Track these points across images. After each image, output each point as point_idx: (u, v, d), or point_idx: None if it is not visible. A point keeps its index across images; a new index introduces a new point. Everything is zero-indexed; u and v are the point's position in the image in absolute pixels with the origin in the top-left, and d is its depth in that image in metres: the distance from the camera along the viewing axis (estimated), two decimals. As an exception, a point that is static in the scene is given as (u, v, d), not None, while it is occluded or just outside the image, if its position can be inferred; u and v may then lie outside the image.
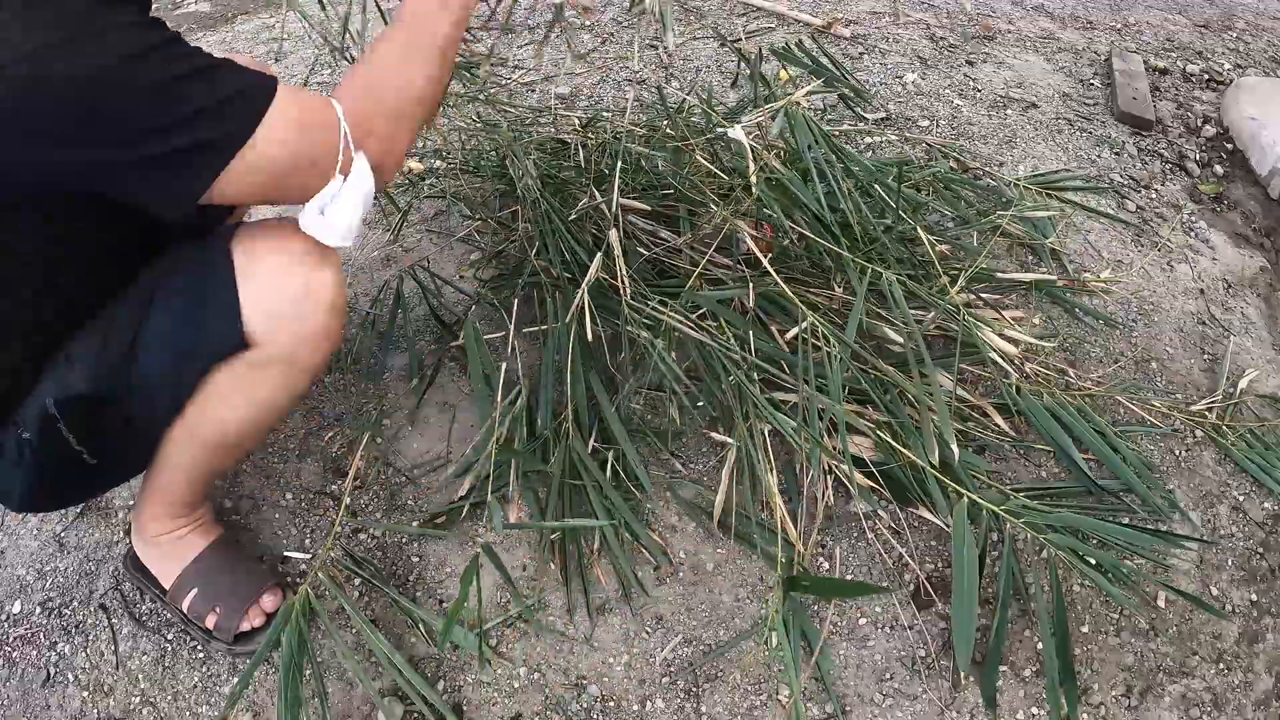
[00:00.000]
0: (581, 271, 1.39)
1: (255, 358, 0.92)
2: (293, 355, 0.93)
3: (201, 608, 1.13)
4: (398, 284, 1.55)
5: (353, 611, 1.11)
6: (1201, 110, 2.27)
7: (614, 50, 2.37)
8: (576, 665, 1.14)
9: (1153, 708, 1.15)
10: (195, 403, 0.95)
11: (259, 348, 0.91)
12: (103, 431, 0.93)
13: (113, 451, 0.97)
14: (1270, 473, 1.41)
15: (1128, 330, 1.62)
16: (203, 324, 0.90)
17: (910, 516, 1.28)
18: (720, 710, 1.11)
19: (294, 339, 0.92)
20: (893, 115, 2.14)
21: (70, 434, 0.91)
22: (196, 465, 1.04)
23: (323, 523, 1.28)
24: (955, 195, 1.75)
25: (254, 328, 0.90)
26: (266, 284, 0.90)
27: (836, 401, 1.15)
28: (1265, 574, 1.30)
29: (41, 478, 0.95)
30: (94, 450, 0.94)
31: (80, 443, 0.92)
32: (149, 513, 1.13)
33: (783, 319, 1.34)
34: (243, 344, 0.90)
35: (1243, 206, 2.01)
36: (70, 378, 0.89)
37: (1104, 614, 1.22)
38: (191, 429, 0.98)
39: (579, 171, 1.52)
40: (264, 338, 0.91)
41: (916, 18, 2.63)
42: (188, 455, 1.02)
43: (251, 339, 0.90)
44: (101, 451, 0.95)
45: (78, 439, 0.92)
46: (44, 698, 1.13)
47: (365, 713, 1.11)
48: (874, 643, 1.18)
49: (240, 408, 0.97)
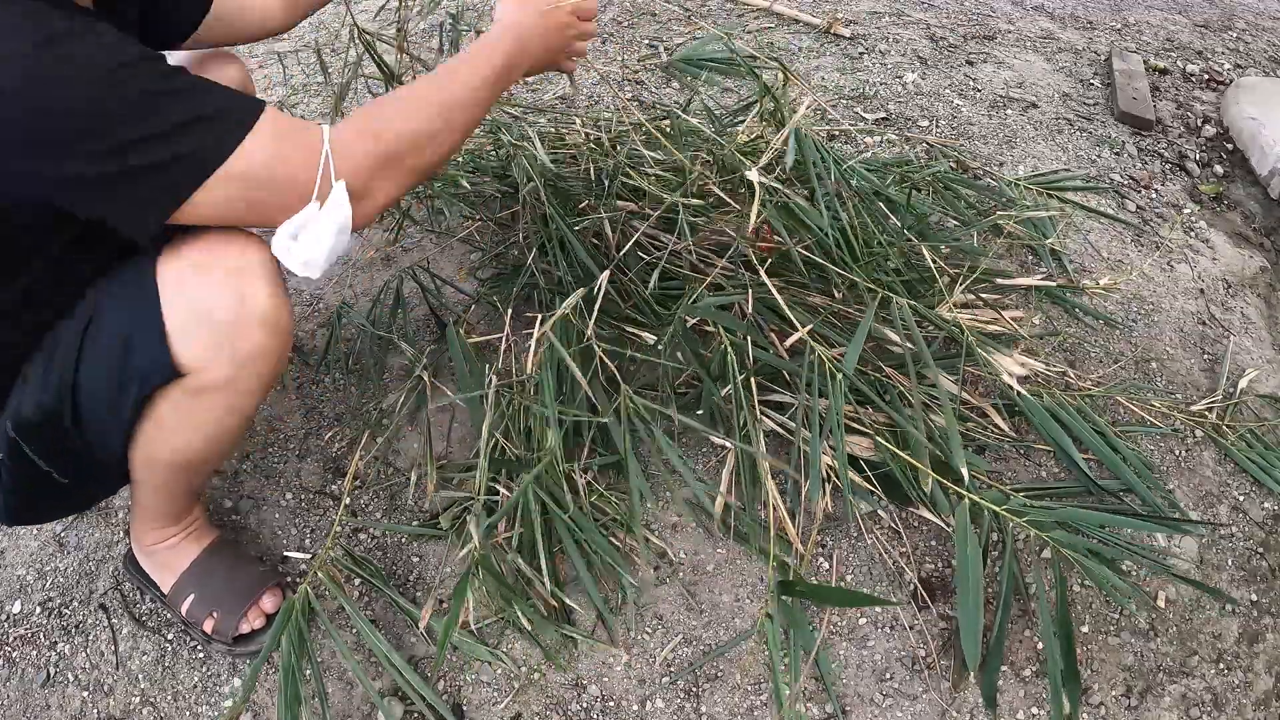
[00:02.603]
0: (583, 271, 1.39)
1: (192, 385, 0.86)
2: (231, 380, 0.86)
3: (199, 612, 1.13)
4: (398, 284, 1.55)
5: (352, 611, 1.11)
6: (1201, 110, 2.27)
7: (614, 50, 2.37)
8: (576, 665, 1.14)
9: (1153, 708, 1.15)
10: (144, 430, 0.90)
11: (194, 375, 0.85)
12: (66, 452, 0.90)
13: (83, 470, 0.95)
14: (1270, 473, 1.41)
15: (1128, 330, 1.62)
16: (132, 348, 0.83)
17: (910, 516, 1.28)
18: (720, 710, 1.11)
19: (230, 363, 0.85)
20: (893, 115, 2.14)
21: (34, 455, 0.88)
22: (167, 484, 1.02)
23: (323, 523, 1.28)
24: (955, 195, 1.75)
25: (184, 353, 0.83)
26: (193, 308, 0.82)
27: (836, 404, 1.15)
28: (1265, 574, 1.30)
29: (20, 496, 0.95)
30: (62, 470, 0.92)
31: (47, 464, 0.90)
32: (140, 525, 1.13)
33: (782, 324, 1.34)
34: (176, 370, 0.84)
35: (1243, 206, 2.01)
36: (23, 400, 0.87)
37: (1104, 614, 1.22)
38: (147, 454, 0.94)
39: (582, 178, 1.52)
40: (196, 364, 0.84)
41: (916, 18, 2.63)
42: (156, 478, 1.00)
43: (183, 366, 0.84)
44: (70, 471, 0.93)
45: (44, 460, 0.89)
46: (44, 698, 1.13)
47: (365, 713, 1.11)
48: (874, 643, 1.18)
49: (187, 435, 0.92)
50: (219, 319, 0.83)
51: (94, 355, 0.84)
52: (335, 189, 0.82)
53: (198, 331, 0.83)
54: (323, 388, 1.46)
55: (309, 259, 0.82)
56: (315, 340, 1.55)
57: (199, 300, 0.83)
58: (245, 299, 0.84)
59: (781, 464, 1.24)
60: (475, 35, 1.64)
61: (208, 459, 0.99)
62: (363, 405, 1.42)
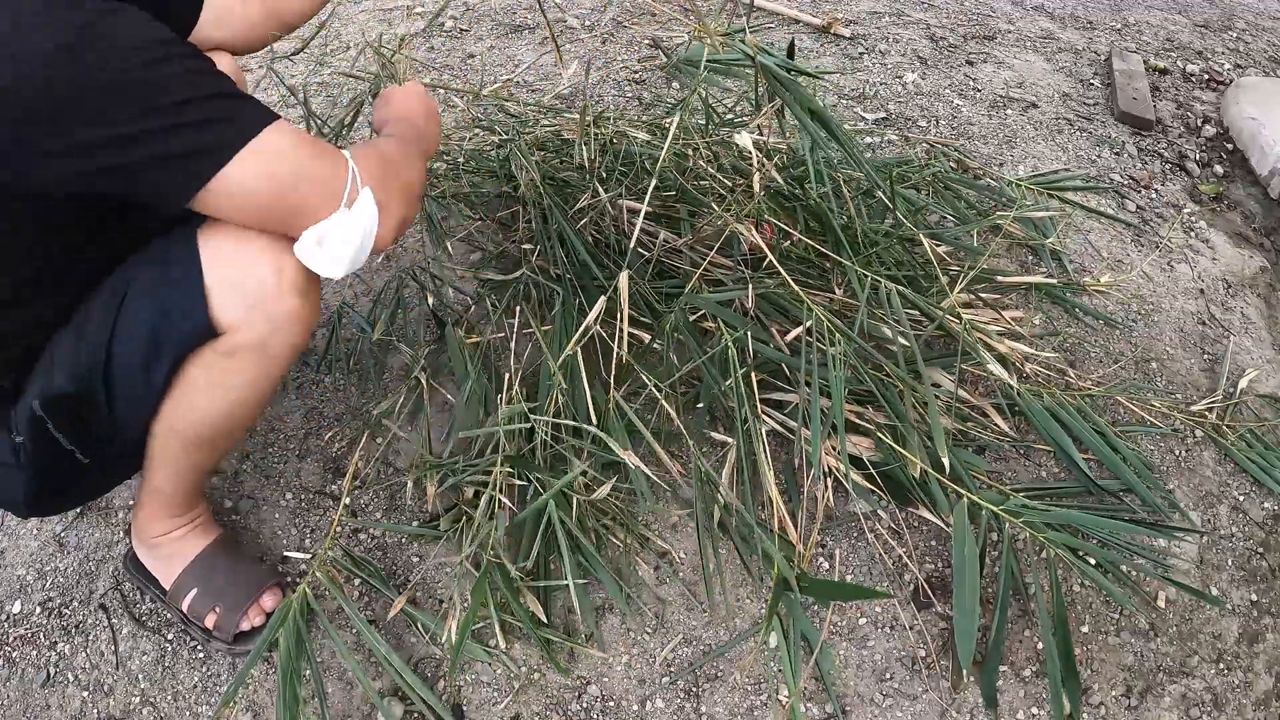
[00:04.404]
0: (582, 271, 1.39)
1: (226, 346, 0.90)
2: (264, 341, 0.91)
3: (201, 608, 1.13)
4: (398, 284, 1.55)
5: (351, 611, 1.11)
6: (1201, 110, 2.27)
7: (614, 50, 2.37)
8: (576, 665, 1.14)
9: (1153, 708, 1.15)
10: (172, 397, 0.94)
11: (228, 335, 0.89)
12: (91, 429, 0.93)
13: (105, 449, 0.97)
14: (1270, 473, 1.41)
15: (1128, 330, 1.62)
16: (169, 312, 0.88)
17: (910, 516, 1.28)
18: (720, 710, 1.11)
19: (265, 324, 0.90)
20: (893, 115, 2.14)
21: (59, 434, 0.90)
22: (182, 463, 1.04)
23: (323, 523, 1.28)
24: (955, 195, 1.75)
25: (222, 313, 0.88)
26: (233, 268, 0.88)
27: (839, 401, 1.15)
28: (1265, 574, 1.30)
29: (41, 480, 0.96)
30: (85, 449, 0.94)
31: (71, 442, 0.92)
32: (146, 514, 1.13)
33: (782, 320, 1.34)
34: (212, 331, 0.88)
35: (1243, 206, 2.01)
36: (52, 377, 0.89)
37: (1104, 614, 1.22)
38: (171, 425, 0.97)
39: (581, 171, 1.52)
40: (233, 323, 0.88)
41: (916, 18, 2.63)
42: (172, 453, 1.01)
43: (220, 325, 0.88)
44: (93, 450, 0.95)
45: (67, 439, 0.91)
46: (44, 698, 1.13)
47: (366, 713, 1.11)
48: (874, 643, 1.18)
49: (216, 399, 0.95)
50: (257, 282, 0.88)
51: (130, 322, 0.89)
52: (363, 194, 0.87)
53: (236, 291, 0.88)
54: (323, 388, 1.46)
55: (341, 258, 0.86)
56: (315, 340, 1.55)
57: (239, 265, 0.87)
58: (282, 269, 0.88)
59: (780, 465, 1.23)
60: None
61: (226, 431, 1.01)
62: (363, 405, 1.42)
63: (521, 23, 2.48)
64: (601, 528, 1.22)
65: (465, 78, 2.24)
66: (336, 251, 0.86)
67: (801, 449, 1.21)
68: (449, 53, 2.35)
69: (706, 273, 1.37)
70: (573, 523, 1.16)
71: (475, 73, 2.25)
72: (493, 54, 2.33)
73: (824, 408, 1.18)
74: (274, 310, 0.89)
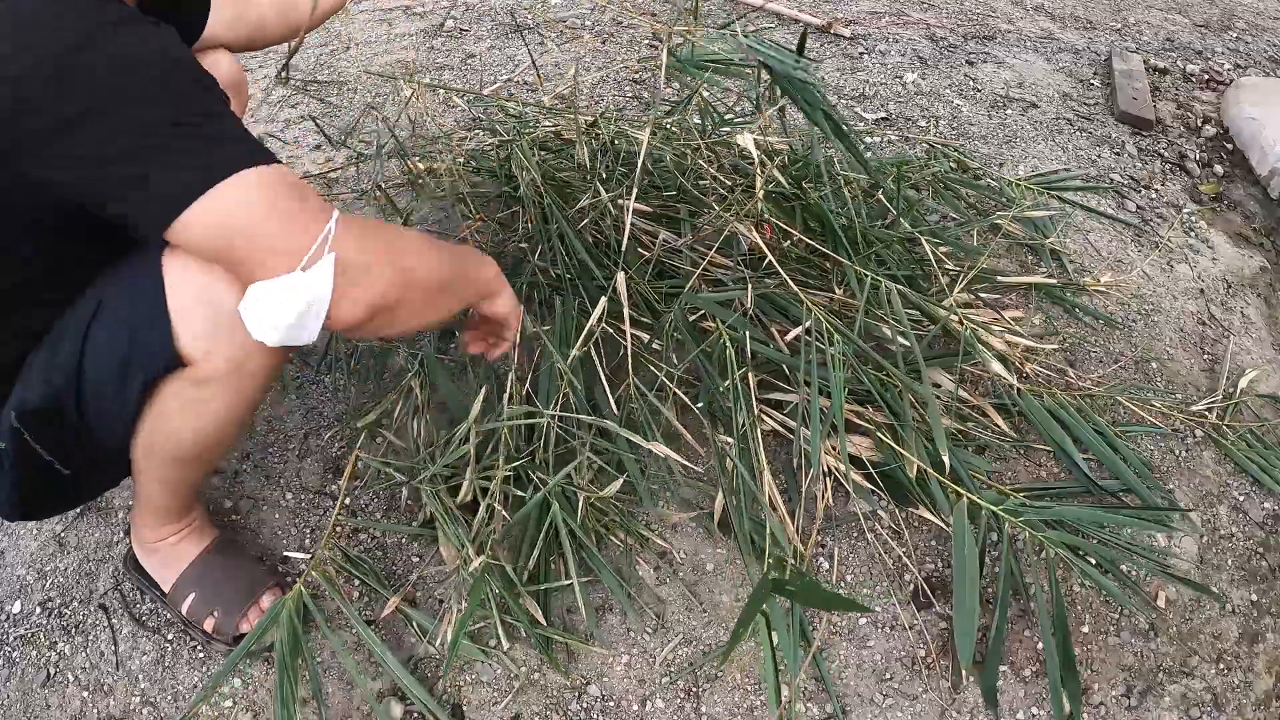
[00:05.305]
0: (582, 271, 1.39)
1: (196, 375, 0.86)
2: (235, 369, 0.86)
3: (200, 610, 1.13)
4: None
5: (348, 611, 1.11)
6: (1201, 110, 2.27)
7: (614, 50, 2.37)
8: (576, 665, 1.14)
9: (1153, 708, 1.15)
10: (148, 421, 0.91)
11: (198, 365, 0.85)
12: (69, 442, 0.90)
13: (86, 461, 0.95)
14: (1270, 473, 1.41)
15: (1128, 330, 1.62)
16: (136, 341, 0.84)
17: (910, 516, 1.28)
18: (720, 710, 1.11)
19: (232, 353, 0.85)
20: (893, 115, 2.14)
21: (36, 445, 0.89)
22: (168, 478, 1.02)
23: (323, 523, 1.28)
24: (955, 195, 1.75)
25: (186, 344, 0.83)
26: (197, 296, 0.83)
27: (838, 401, 1.15)
28: (1265, 574, 1.30)
29: (24, 487, 0.95)
30: (65, 460, 0.92)
31: (50, 453, 0.90)
32: (141, 521, 1.13)
33: (782, 320, 1.34)
34: (179, 360, 0.84)
35: (1243, 206, 2.01)
36: (27, 389, 0.87)
37: (1104, 614, 1.22)
38: (149, 446, 0.94)
39: (581, 171, 1.52)
40: (198, 353, 0.84)
41: (916, 18, 2.63)
42: (155, 470, 0.99)
43: (187, 354, 0.84)
44: (73, 461, 0.93)
45: (45, 449, 0.90)
46: (44, 698, 1.13)
47: (365, 713, 1.11)
48: (874, 643, 1.18)
49: (191, 424, 0.91)
50: (222, 308, 0.83)
51: (99, 343, 0.85)
52: (324, 260, 0.77)
53: (201, 319, 0.83)
54: (323, 388, 1.46)
55: (273, 323, 0.78)
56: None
57: (203, 289, 0.83)
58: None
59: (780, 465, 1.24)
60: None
61: (209, 451, 0.99)
62: (362, 405, 1.42)
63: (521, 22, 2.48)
64: (602, 528, 1.22)
65: (465, 78, 2.24)
66: (270, 316, 0.78)
67: (801, 449, 1.21)
68: (449, 53, 2.35)
69: (706, 272, 1.37)
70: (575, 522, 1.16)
71: (475, 73, 2.25)
72: (493, 54, 2.34)
73: (824, 407, 1.18)
74: (244, 339, 0.82)
